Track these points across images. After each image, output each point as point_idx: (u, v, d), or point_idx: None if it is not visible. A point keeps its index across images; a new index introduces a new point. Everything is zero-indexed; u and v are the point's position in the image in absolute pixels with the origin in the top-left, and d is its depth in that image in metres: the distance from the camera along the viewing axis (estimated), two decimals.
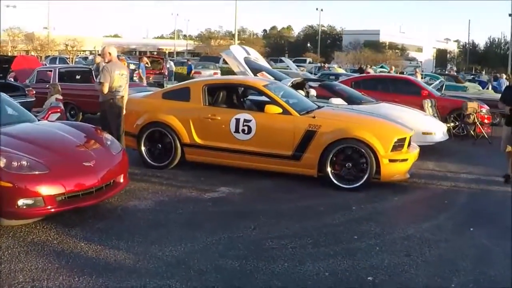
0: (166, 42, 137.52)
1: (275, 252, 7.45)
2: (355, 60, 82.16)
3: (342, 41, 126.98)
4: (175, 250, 7.41)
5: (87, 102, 19.33)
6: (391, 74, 31.32)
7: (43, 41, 72.39)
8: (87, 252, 7.28)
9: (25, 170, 7.79)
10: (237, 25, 71.20)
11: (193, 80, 15.23)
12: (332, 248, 7.66)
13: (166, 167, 12.06)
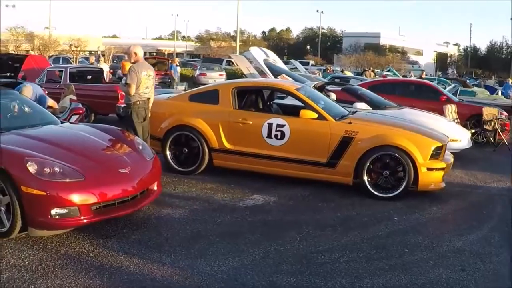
0: (165, 43, 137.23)
1: (329, 266, 7.04)
2: (358, 63, 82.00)
3: (342, 43, 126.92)
4: (223, 264, 6.95)
5: (99, 103, 18.91)
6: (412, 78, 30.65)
7: (46, 40, 71.96)
8: (129, 267, 6.79)
9: (58, 177, 7.32)
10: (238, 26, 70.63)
11: (222, 82, 14.82)
12: (386, 262, 7.28)
13: (192, 173, 11.57)
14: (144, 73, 11.06)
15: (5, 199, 7.30)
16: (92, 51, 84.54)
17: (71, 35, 76.22)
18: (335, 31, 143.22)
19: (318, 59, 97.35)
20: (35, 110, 10.42)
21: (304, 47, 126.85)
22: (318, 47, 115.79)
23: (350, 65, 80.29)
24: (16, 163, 7.33)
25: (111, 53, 62.71)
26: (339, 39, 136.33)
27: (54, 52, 68.49)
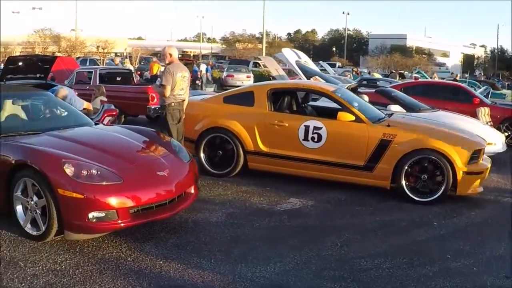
0: (191, 45, 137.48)
1: (373, 273, 6.87)
2: (385, 64, 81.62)
3: (368, 45, 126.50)
4: (265, 270, 6.79)
5: (129, 104, 18.75)
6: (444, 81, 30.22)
7: (74, 42, 72.39)
8: (168, 272, 6.63)
9: (96, 179, 7.16)
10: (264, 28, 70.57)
11: (257, 84, 14.59)
12: (429, 269, 7.07)
13: (226, 175, 11.41)
14: (179, 74, 10.93)
15: (41, 201, 7.20)
16: (118, 52, 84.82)
17: (98, 37, 76.57)
18: (361, 33, 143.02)
19: (345, 61, 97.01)
20: (69, 111, 10.31)
21: (330, 49, 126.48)
22: (344, 49, 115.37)
23: (377, 67, 79.89)
24: (53, 165, 7.21)
25: (138, 54, 62.79)
26: (364, 40, 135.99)
27: (80, 54, 68.80)
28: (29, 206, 7.38)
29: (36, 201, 7.26)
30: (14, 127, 9.07)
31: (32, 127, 9.14)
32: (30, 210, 7.38)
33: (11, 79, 15.88)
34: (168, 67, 10.92)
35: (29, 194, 7.35)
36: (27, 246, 7.19)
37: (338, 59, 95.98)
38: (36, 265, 6.61)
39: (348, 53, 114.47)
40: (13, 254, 6.93)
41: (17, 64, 16.41)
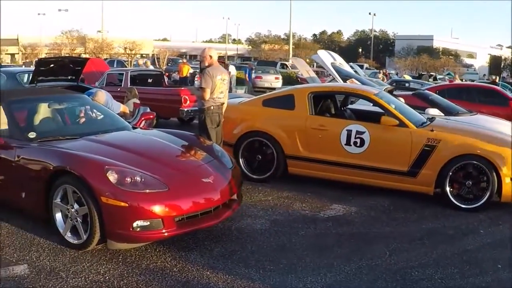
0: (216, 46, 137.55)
1: (425, 283, 6.65)
2: (413, 66, 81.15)
3: (394, 46, 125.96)
4: (315, 281, 6.56)
5: (161, 106, 18.57)
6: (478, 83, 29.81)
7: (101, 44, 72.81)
8: (217, 283, 6.40)
9: (141, 187, 6.95)
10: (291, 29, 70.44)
11: (297, 86, 14.34)
12: (481, 279, 6.86)
13: (265, 180, 11.17)
14: (218, 77, 10.73)
15: (82, 209, 7.02)
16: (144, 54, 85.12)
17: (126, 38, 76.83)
18: (387, 34, 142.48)
19: (371, 62, 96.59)
20: (106, 115, 10.17)
21: (356, 50, 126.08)
22: (370, 50, 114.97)
23: (405, 68, 79.44)
24: (96, 172, 7.02)
25: (166, 56, 62.87)
26: (391, 41, 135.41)
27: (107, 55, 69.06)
28: (69, 213, 7.22)
29: (77, 209, 7.09)
30: (51, 132, 8.97)
31: (70, 132, 9.04)
32: (71, 218, 7.21)
33: (42, 81, 15.80)
34: (208, 69, 10.71)
35: (69, 202, 7.19)
36: (67, 255, 7.03)
37: (365, 61, 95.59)
38: (78, 275, 6.45)
39: (374, 54, 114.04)
40: (54, 263, 6.77)
41: (48, 66, 16.30)
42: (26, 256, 6.98)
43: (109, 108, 11.42)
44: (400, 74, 63.36)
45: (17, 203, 8.28)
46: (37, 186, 7.58)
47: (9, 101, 9.20)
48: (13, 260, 6.84)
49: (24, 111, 9.37)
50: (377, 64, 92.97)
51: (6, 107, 8.98)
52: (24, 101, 9.65)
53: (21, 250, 7.16)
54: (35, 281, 6.23)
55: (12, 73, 19.25)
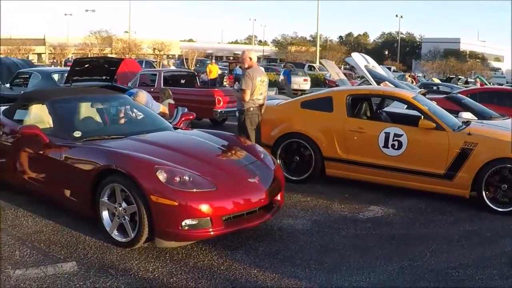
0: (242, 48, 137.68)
1: (467, 283, 6.74)
2: (440, 69, 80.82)
3: (421, 49, 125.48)
4: (361, 280, 6.66)
5: (194, 107, 18.68)
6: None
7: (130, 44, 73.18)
8: (265, 281, 6.51)
9: (189, 186, 7.02)
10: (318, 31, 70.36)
11: (335, 89, 14.46)
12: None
13: (303, 182, 11.25)
14: (258, 78, 10.88)
15: (131, 208, 7.13)
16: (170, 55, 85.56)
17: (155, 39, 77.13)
18: (414, 36, 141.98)
19: (398, 64, 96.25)
20: (148, 115, 10.31)
21: (382, 52, 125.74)
22: (397, 53, 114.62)
23: (433, 71, 79.12)
24: (145, 171, 7.11)
25: (195, 56, 63.05)
26: (417, 44, 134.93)
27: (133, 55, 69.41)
28: (116, 212, 7.33)
29: (125, 208, 7.20)
30: (96, 131, 9.16)
31: (115, 131, 9.18)
32: (118, 216, 7.32)
33: (77, 81, 16.00)
34: (248, 71, 10.87)
35: (117, 200, 7.29)
36: (114, 253, 7.14)
37: (391, 63, 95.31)
38: (127, 273, 6.56)
39: (400, 57, 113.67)
40: (102, 261, 6.88)
41: (83, 66, 16.53)
42: (74, 253, 7.08)
43: (150, 108, 11.57)
44: (428, 77, 62.99)
45: (62, 201, 8.40)
46: (84, 184, 7.66)
47: (53, 100, 9.39)
48: (61, 257, 6.95)
49: (67, 110, 9.53)
50: (404, 66, 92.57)
51: (50, 107, 9.18)
52: (67, 100, 9.82)
53: (68, 248, 7.27)
54: (85, 278, 6.33)
55: (47, 73, 19.44)
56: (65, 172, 8.11)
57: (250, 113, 10.92)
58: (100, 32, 79.19)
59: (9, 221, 8.35)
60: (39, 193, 9.06)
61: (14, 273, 6.40)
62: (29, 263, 6.71)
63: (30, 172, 8.98)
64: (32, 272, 6.45)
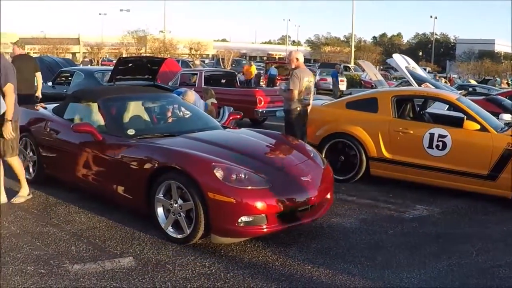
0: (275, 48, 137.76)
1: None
2: (476, 70, 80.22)
3: (455, 50, 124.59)
4: (412, 277, 6.80)
5: (235, 107, 18.81)
6: None
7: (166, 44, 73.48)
8: (319, 277, 6.66)
9: (245, 183, 7.16)
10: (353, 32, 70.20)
11: (379, 90, 14.63)
12: None
13: (348, 181, 11.42)
14: (305, 79, 11.08)
15: (187, 204, 7.24)
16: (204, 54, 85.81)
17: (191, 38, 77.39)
18: (448, 37, 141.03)
19: (433, 65, 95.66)
20: (197, 114, 10.50)
21: (416, 53, 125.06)
22: (431, 54, 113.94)
23: (468, 72, 78.61)
24: (203, 169, 7.24)
25: (231, 57, 63.17)
26: (452, 45, 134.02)
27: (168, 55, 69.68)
28: (171, 208, 7.47)
29: (181, 204, 7.31)
30: (149, 129, 9.39)
31: (167, 129, 9.37)
32: (173, 213, 7.44)
33: (120, 80, 16.21)
34: (295, 71, 11.06)
35: (173, 197, 7.41)
36: (170, 249, 7.27)
37: (426, 64, 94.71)
38: (184, 268, 6.68)
39: (434, 58, 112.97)
40: (158, 256, 7.02)
41: (127, 66, 16.73)
42: (130, 249, 7.23)
43: (198, 107, 11.75)
44: (463, 78, 62.61)
45: (115, 198, 8.59)
46: (139, 181, 7.79)
47: (105, 98, 9.63)
48: (117, 252, 7.09)
49: (119, 108, 9.73)
50: (439, 68, 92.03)
51: (102, 105, 9.42)
52: (119, 99, 10.02)
53: (123, 243, 7.43)
54: (143, 273, 6.47)
55: (90, 72, 19.70)
56: (120, 169, 8.25)
57: (297, 113, 11.12)
58: (137, 31, 79.71)
59: (62, 217, 8.52)
60: (91, 189, 9.27)
61: (72, 267, 6.54)
62: (86, 258, 6.86)
63: (82, 169, 9.16)
64: (90, 266, 6.60)
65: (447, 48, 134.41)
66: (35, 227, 8.01)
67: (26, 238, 7.52)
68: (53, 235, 7.65)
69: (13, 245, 7.20)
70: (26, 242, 7.34)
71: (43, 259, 6.77)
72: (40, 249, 7.12)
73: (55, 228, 7.95)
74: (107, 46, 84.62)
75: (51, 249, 7.13)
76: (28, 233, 7.73)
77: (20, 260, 6.70)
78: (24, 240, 7.41)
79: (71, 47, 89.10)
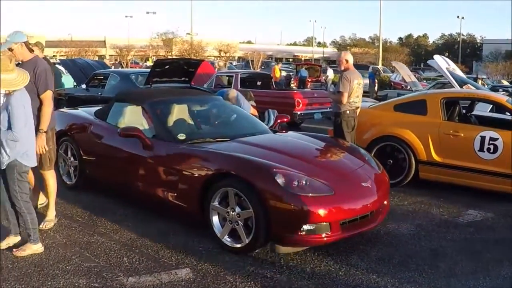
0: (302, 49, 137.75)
1: None
2: (505, 71, 79.48)
3: (482, 51, 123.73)
4: (478, 284, 6.63)
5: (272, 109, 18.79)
6: None
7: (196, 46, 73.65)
8: (386, 286, 6.49)
9: (307, 190, 6.88)
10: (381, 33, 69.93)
11: (428, 92, 14.44)
12: None
13: (396, 185, 11.16)
14: (355, 81, 10.95)
15: (246, 213, 7.02)
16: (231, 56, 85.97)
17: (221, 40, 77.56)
18: (475, 38, 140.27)
19: (461, 66, 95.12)
20: (245, 118, 10.35)
21: (443, 54, 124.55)
22: (458, 54, 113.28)
23: (497, 73, 77.90)
24: (263, 176, 7.04)
25: (260, 58, 63.17)
26: (478, 46, 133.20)
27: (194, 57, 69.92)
28: (228, 216, 7.21)
29: (239, 212, 7.07)
30: (200, 134, 9.18)
31: (218, 134, 9.11)
32: (230, 221, 7.19)
33: (157, 82, 16.13)
34: (345, 73, 10.93)
35: (230, 205, 7.17)
36: (227, 259, 7.06)
37: None
38: (246, 280, 6.47)
39: (461, 59, 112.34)
40: (216, 267, 6.81)
41: (164, 67, 16.65)
42: (185, 259, 7.03)
43: (243, 108, 11.61)
44: (492, 78, 62.10)
45: (164, 205, 8.33)
46: (192, 188, 7.61)
47: (152, 102, 9.44)
48: (173, 263, 6.90)
49: (167, 112, 9.52)
50: (466, 68, 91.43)
51: (149, 108, 9.23)
52: (166, 102, 9.80)
53: (177, 254, 7.22)
54: (204, 286, 6.29)
55: (126, 74, 19.52)
56: (171, 175, 8.04)
57: (346, 116, 10.98)
58: (167, 33, 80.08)
59: (109, 226, 8.35)
60: (138, 196, 9.10)
61: (127, 280, 6.35)
62: (140, 270, 6.67)
63: (129, 175, 9.01)
64: (146, 279, 6.40)
65: (473, 49, 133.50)
66: (82, 236, 7.83)
67: (74, 248, 7.34)
68: (102, 245, 7.46)
69: (61, 256, 7.02)
70: (75, 253, 7.16)
71: (94, 271, 6.58)
72: (90, 260, 6.93)
73: (103, 238, 7.77)
74: (136, 48, 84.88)
75: (102, 260, 6.94)
76: (76, 243, 7.56)
77: (71, 273, 6.50)
78: (72, 251, 7.23)
79: (99, 50, 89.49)
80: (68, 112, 11.14)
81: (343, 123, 10.97)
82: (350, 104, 10.95)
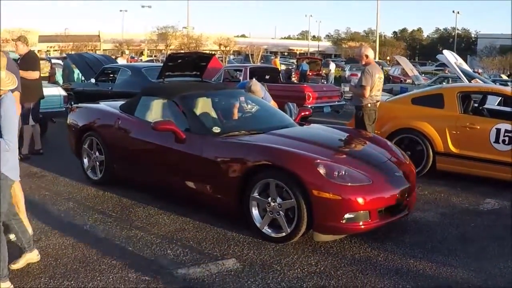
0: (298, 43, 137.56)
1: None
2: (501, 65, 79.74)
3: (476, 45, 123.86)
4: (508, 266, 6.99)
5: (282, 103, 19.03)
6: None
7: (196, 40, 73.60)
8: (425, 269, 6.81)
9: (347, 180, 7.14)
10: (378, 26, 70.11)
11: (445, 86, 14.82)
12: None
13: None
14: (377, 75, 11.29)
15: (287, 203, 7.22)
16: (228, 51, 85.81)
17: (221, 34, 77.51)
18: (469, 32, 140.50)
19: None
20: (271, 111, 10.62)
21: (437, 48, 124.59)
22: (453, 49, 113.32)
23: (493, 67, 78.20)
24: (306, 166, 7.24)
25: (260, 52, 63.14)
26: (472, 40, 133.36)
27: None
28: (268, 207, 7.40)
29: (280, 203, 7.26)
30: (233, 126, 9.35)
31: (252, 126, 9.32)
32: (271, 212, 7.37)
33: (169, 76, 16.26)
34: (367, 68, 11.26)
35: (270, 195, 7.36)
36: (270, 249, 7.24)
37: None
38: (292, 267, 6.67)
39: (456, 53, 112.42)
40: (260, 257, 6.98)
41: (176, 62, 16.79)
42: (228, 250, 7.17)
43: (266, 100, 11.80)
44: (488, 73, 62.32)
45: (201, 198, 8.52)
46: (231, 180, 7.78)
47: (182, 95, 9.59)
48: (218, 254, 7.01)
49: (198, 105, 9.75)
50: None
51: (181, 102, 9.38)
52: (196, 95, 9.98)
53: (219, 245, 7.35)
54: (253, 275, 6.44)
55: (137, 68, 19.26)
56: (207, 169, 8.17)
57: (368, 109, 11.33)
58: (166, 27, 79.91)
59: (144, 220, 8.42)
60: (170, 190, 9.29)
61: (177, 272, 6.44)
62: (187, 262, 6.77)
63: (161, 169, 9.17)
64: (195, 271, 6.50)
65: (468, 43, 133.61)
66: (119, 231, 7.91)
67: (114, 243, 7.45)
68: (142, 239, 7.54)
69: (104, 251, 7.06)
70: (117, 248, 7.26)
71: (141, 264, 6.65)
72: (134, 254, 7.05)
73: (142, 232, 7.86)
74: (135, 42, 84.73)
75: (146, 254, 7.04)
76: (115, 237, 7.65)
77: (118, 267, 6.55)
78: (114, 246, 7.34)
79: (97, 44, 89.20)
80: (92, 107, 11.29)
81: (365, 116, 11.32)
82: (372, 97, 11.29)
